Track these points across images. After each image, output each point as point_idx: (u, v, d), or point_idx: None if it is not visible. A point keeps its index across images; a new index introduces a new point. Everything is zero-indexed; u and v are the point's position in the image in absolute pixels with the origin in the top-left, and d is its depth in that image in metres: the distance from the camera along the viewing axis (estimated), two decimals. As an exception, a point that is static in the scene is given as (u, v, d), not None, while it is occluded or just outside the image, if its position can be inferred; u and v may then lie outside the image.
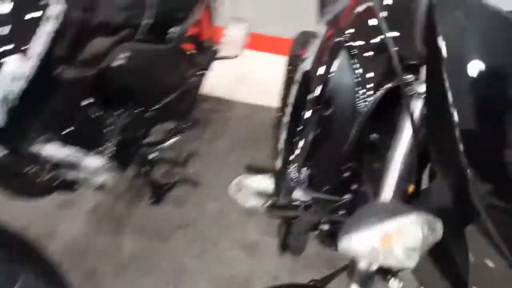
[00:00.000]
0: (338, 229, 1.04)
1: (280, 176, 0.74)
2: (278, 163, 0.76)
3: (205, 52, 1.69)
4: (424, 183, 0.53)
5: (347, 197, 0.79)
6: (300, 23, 2.65)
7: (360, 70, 0.67)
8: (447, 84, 0.37)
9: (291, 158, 0.70)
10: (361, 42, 0.68)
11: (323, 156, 0.69)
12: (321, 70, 0.70)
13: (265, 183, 0.98)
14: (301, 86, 0.75)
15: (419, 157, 0.50)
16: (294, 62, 1.84)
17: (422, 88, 0.49)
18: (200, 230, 1.69)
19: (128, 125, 1.31)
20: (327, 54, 0.71)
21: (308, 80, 0.73)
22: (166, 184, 1.69)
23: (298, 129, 0.70)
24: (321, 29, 1.88)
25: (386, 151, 0.61)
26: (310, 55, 0.76)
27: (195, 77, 1.71)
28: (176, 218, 1.71)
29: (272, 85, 2.65)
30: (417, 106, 0.50)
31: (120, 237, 1.64)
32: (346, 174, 0.75)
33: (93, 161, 1.14)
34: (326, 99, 0.68)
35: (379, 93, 0.64)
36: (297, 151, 0.69)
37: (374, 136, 0.66)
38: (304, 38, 1.97)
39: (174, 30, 1.44)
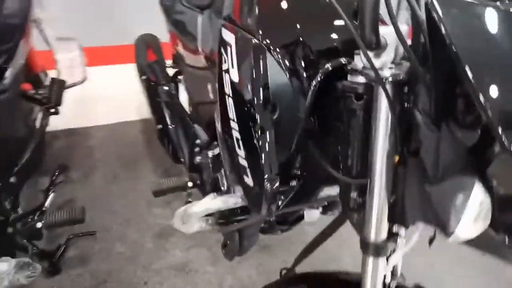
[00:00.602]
0: (287, 215, 1.09)
1: (258, 191, 0.71)
2: (249, 180, 0.72)
3: (50, 86, 1.43)
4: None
5: (294, 183, 0.81)
6: (127, 28, 2.51)
7: (289, 66, 0.68)
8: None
9: (264, 171, 0.68)
10: (280, 39, 0.69)
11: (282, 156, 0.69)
12: (253, 79, 0.68)
13: (216, 203, 0.93)
14: (236, 99, 0.72)
15: (401, 131, 0.55)
16: (146, 71, 1.74)
17: (387, 72, 0.54)
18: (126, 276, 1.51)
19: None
20: (251, 61, 0.69)
21: (242, 92, 0.71)
22: (58, 248, 1.43)
23: (255, 140, 0.68)
24: (161, 32, 1.83)
25: (345, 133, 0.65)
26: (231, 65, 0.73)
27: (44, 118, 1.45)
28: (91, 276, 1.48)
29: (122, 98, 2.48)
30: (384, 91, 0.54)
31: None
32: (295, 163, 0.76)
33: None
34: (271, 104, 0.67)
35: (314, 82, 0.67)
36: (265, 161, 0.67)
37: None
38: (146, 43, 1.87)
39: (6, 76, 1.17)
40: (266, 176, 0.69)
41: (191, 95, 1.39)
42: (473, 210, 0.43)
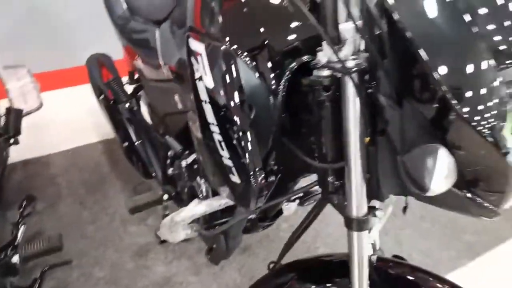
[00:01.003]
0: (267, 210, 1.13)
1: (245, 187, 0.75)
2: (235, 178, 0.76)
3: (6, 116, 1.38)
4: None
5: (272, 178, 0.86)
6: (76, 50, 2.46)
7: (257, 68, 0.73)
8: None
9: (248, 169, 0.72)
10: (246, 43, 0.73)
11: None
12: (227, 84, 0.72)
13: (201, 207, 0.95)
14: (214, 104, 0.75)
15: (368, 114, 0.61)
16: (103, 90, 1.73)
17: (351, 63, 0.60)
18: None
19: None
20: (222, 66, 0.73)
21: (218, 97, 0.74)
22: (34, 283, 1.38)
23: (237, 140, 0.72)
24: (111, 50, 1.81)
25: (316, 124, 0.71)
26: (203, 72, 0.76)
27: (5, 150, 1.40)
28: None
29: (79, 121, 2.42)
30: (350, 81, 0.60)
31: None
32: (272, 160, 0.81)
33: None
34: (247, 105, 0.72)
35: (282, 81, 0.72)
36: (249, 158, 0.71)
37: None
38: (98, 62, 1.85)
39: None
40: (251, 172, 0.73)
41: (156, 108, 1.40)
42: (442, 169, 0.50)
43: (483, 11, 0.53)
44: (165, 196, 1.33)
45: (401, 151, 0.56)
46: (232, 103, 0.72)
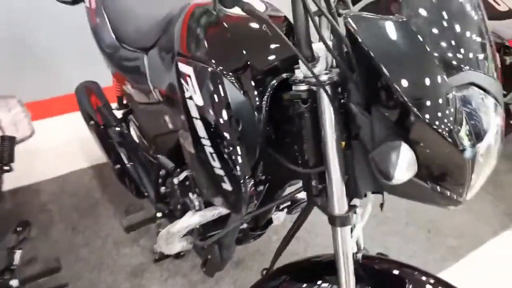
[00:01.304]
0: (258, 220, 1.19)
1: (236, 194, 0.81)
2: (227, 186, 0.82)
3: (0, 144, 1.42)
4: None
5: (261, 188, 0.93)
6: (62, 79, 2.52)
7: (242, 86, 0.81)
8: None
9: (239, 177, 0.79)
10: (231, 64, 0.82)
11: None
12: (215, 101, 0.80)
13: (195, 218, 1.01)
14: (204, 120, 0.83)
15: (342, 122, 0.69)
16: (93, 116, 1.78)
17: (324, 77, 0.68)
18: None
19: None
20: (210, 86, 0.81)
21: (208, 113, 0.82)
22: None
23: (226, 151, 0.79)
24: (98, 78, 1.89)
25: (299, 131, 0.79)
26: (193, 92, 0.84)
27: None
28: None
29: (66, 148, 2.45)
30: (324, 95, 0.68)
31: None
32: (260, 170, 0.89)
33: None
34: (234, 120, 0.79)
35: (265, 97, 0.81)
36: (240, 167, 0.78)
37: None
38: (87, 90, 1.91)
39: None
40: (241, 180, 0.80)
41: (147, 130, 1.47)
42: (404, 161, 0.58)
43: (434, 31, 0.63)
44: (159, 214, 1.38)
45: (371, 150, 0.64)
46: (221, 119, 0.80)
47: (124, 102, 1.81)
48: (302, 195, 1.24)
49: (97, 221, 1.89)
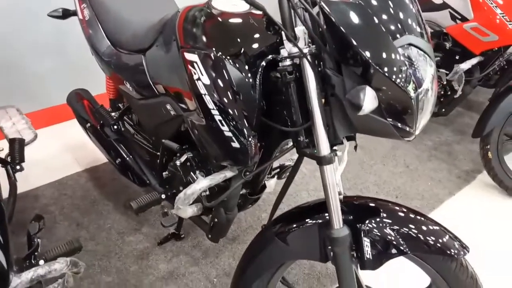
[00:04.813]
0: (254, 186, 1.40)
1: (243, 149, 1.03)
2: (236, 144, 1.04)
3: (11, 146, 1.55)
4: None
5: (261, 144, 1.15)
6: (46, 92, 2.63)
7: (238, 67, 1.03)
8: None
9: (245, 134, 1.01)
10: (229, 50, 1.04)
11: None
12: (220, 79, 1.02)
13: (206, 181, 1.20)
14: (211, 95, 1.05)
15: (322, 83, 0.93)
16: (87, 119, 1.94)
17: (306, 50, 0.91)
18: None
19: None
20: (215, 67, 1.03)
21: (214, 89, 1.04)
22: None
23: (232, 119, 1.01)
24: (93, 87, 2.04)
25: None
26: (200, 74, 1.05)
27: (13, 177, 1.56)
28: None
29: (62, 154, 2.56)
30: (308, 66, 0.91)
31: None
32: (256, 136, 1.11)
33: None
34: (236, 93, 1.01)
35: (258, 76, 1.03)
36: (244, 127, 1.01)
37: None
38: (78, 96, 2.07)
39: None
40: (247, 136, 1.02)
41: (147, 121, 1.64)
42: (369, 96, 0.82)
43: (381, 10, 0.87)
44: (163, 196, 1.55)
45: (345, 96, 0.88)
46: (225, 91, 1.02)
47: (117, 105, 1.99)
48: (290, 162, 1.48)
49: (98, 217, 2.03)
